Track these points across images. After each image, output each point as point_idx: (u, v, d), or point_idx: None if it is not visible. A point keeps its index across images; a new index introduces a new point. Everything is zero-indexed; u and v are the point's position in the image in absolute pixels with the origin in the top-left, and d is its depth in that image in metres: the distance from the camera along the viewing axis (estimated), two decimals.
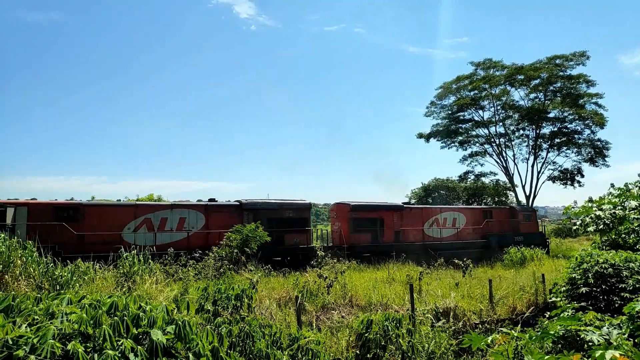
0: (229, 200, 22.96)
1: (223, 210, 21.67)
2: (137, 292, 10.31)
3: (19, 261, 10.55)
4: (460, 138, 47.04)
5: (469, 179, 49.49)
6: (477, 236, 27.99)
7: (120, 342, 3.47)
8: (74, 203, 19.69)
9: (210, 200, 22.67)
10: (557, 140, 43.43)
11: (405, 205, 27.04)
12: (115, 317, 3.67)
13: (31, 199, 19.91)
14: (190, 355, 3.73)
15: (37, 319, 3.59)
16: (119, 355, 3.35)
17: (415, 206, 29.10)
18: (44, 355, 3.13)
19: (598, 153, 42.40)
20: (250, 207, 22.09)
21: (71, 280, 10.59)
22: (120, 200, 24.58)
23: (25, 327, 3.46)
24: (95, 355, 3.36)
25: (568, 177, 44.01)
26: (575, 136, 42.82)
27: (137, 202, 20.97)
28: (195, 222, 20.86)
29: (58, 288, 10.07)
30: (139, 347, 3.48)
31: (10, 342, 3.22)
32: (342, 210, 24.82)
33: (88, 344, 3.48)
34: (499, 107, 45.06)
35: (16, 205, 18.19)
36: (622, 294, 8.33)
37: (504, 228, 29.25)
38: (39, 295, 4.14)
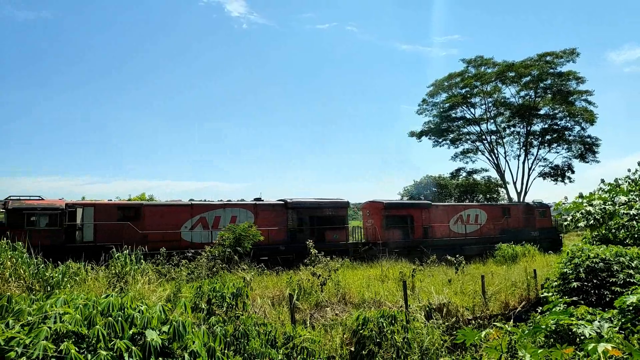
0: (274, 199, 24.03)
1: (270, 209, 22.62)
2: (130, 292, 10.25)
3: (9, 262, 10.44)
4: (451, 136, 47.24)
5: (461, 176, 49.73)
6: (497, 232, 28.81)
7: (115, 342, 3.45)
8: (135, 203, 20.75)
9: (256, 199, 23.65)
10: (548, 137, 43.77)
11: (432, 203, 28.20)
12: (110, 318, 3.64)
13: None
14: (186, 355, 3.72)
15: (31, 320, 3.56)
16: (115, 355, 3.33)
17: (441, 204, 30.39)
18: (36, 355, 3.10)
19: (588, 149, 42.82)
20: (294, 205, 23.13)
21: (62, 281, 10.50)
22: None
23: (19, 327, 3.42)
24: (89, 356, 3.33)
25: (559, 173, 44.40)
26: (566, 133, 43.19)
27: (193, 202, 21.60)
28: (245, 220, 21.45)
29: (49, 289, 9.98)
30: (133, 347, 3.47)
31: (3, 344, 3.19)
32: (375, 208, 25.85)
33: (82, 345, 3.45)
34: (490, 105, 45.33)
35: (84, 205, 19.04)
36: (612, 288, 8.42)
37: (521, 224, 30.12)
38: (33, 296, 4.11)
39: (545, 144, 44.29)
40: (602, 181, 14.31)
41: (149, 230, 19.13)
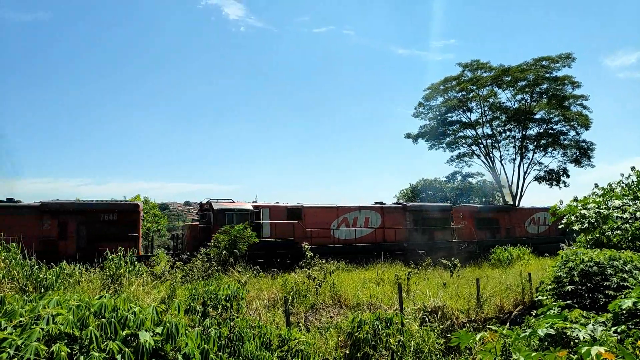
0: (394, 203, 27.48)
1: (393, 212, 25.93)
2: (124, 294, 10.17)
3: (2, 264, 10.36)
4: (447, 139, 47.33)
5: (457, 180, 49.82)
6: (559, 233, 31.21)
7: (107, 344, 3.43)
8: (298, 206, 23.32)
9: (377, 203, 26.39)
10: (543, 141, 43.89)
11: (512, 207, 32.19)
12: (103, 319, 3.62)
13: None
14: (179, 356, 3.69)
15: (23, 321, 3.53)
16: (108, 356, 3.30)
17: (518, 207, 34.71)
18: (28, 357, 3.08)
19: (583, 154, 42.98)
20: (411, 209, 26.76)
21: (56, 282, 10.43)
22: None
23: (11, 328, 3.39)
24: (82, 357, 3.31)
25: (554, 177, 44.53)
26: (561, 137, 43.35)
27: (338, 205, 24.61)
28: (375, 220, 25.03)
29: (43, 291, 9.91)
30: (126, 349, 3.44)
31: None
32: (467, 212, 29.61)
33: (74, 346, 3.43)
34: (486, 109, 45.43)
35: (262, 207, 22.17)
36: (606, 291, 8.44)
37: None
38: (26, 297, 4.07)
39: (541, 148, 44.42)
40: (596, 185, 14.39)
41: (309, 227, 22.14)
